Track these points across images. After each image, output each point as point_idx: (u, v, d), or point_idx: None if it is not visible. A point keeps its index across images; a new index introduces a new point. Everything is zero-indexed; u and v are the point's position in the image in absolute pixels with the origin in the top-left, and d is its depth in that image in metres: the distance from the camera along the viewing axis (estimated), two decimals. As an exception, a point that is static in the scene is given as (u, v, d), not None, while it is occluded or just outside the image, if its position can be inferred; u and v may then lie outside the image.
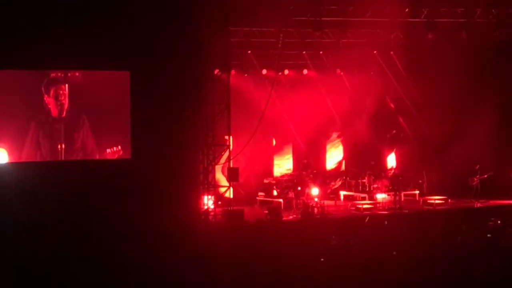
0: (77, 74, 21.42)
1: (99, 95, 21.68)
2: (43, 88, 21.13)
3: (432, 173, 27.21)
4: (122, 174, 21.39)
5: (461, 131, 27.14)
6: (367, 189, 26.78)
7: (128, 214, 20.85)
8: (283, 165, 27.84)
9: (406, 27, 25.51)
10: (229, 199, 23.88)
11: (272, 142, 27.78)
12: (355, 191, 27.13)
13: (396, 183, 26.24)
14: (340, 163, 28.79)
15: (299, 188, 25.55)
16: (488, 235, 20.03)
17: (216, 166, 24.10)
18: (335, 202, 26.74)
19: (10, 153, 20.66)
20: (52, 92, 21.21)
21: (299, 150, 27.95)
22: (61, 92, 21.28)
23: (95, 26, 20.77)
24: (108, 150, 21.72)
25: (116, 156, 21.72)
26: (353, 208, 25.40)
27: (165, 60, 21.70)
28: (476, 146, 26.49)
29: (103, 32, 20.87)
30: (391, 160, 28.89)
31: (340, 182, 27.74)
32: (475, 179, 25.86)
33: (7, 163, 20.63)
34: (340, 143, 28.64)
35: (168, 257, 17.96)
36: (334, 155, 28.69)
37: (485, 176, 25.78)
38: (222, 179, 25.00)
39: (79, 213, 20.48)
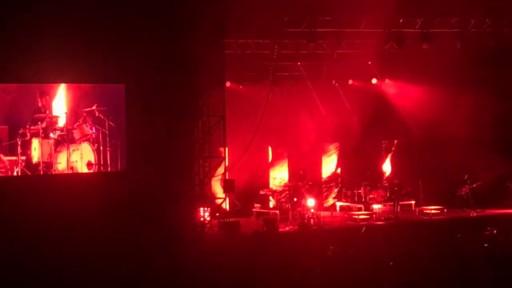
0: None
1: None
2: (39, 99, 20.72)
3: (428, 183, 27.24)
4: (117, 186, 21.36)
5: (456, 140, 27.18)
6: (363, 200, 26.80)
7: (123, 226, 20.83)
8: (279, 176, 27.82)
9: (400, 37, 25.53)
10: (225, 210, 23.86)
11: (268, 153, 27.78)
12: (351, 202, 27.14)
13: (392, 193, 26.27)
14: (335, 170, 28.72)
15: (295, 199, 25.54)
16: (485, 245, 20.02)
17: (214, 178, 24.09)
18: (331, 213, 26.77)
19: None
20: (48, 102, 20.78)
21: (294, 161, 27.94)
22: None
23: (90, 39, 20.77)
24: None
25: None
26: (349, 219, 25.39)
27: (160, 73, 21.72)
28: (470, 154, 26.57)
29: (97, 46, 20.87)
30: (387, 170, 28.90)
31: (336, 190, 27.80)
32: (464, 189, 25.94)
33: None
34: (335, 153, 28.63)
35: (164, 269, 17.92)
36: (329, 165, 28.67)
37: (474, 185, 25.87)
38: (220, 191, 24.97)
39: (73, 225, 20.40)
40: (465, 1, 24.30)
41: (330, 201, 28.03)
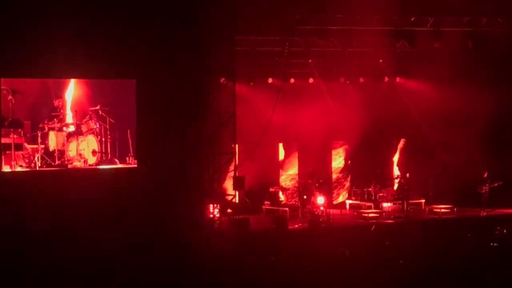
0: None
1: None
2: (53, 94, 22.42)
3: (438, 182, 27.17)
4: (128, 182, 21.43)
5: (467, 139, 27.12)
6: (373, 198, 26.75)
7: (132, 221, 20.88)
8: (288, 173, 27.81)
9: (412, 36, 25.46)
10: (235, 204, 23.86)
11: (278, 151, 27.77)
12: (361, 200, 27.10)
13: (402, 191, 26.23)
14: (345, 168, 28.69)
15: (305, 197, 25.52)
16: (494, 244, 19.99)
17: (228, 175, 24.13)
18: (341, 211, 26.75)
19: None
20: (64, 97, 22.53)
21: (304, 159, 27.91)
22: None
23: (101, 35, 20.84)
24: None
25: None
26: (359, 217, 25.38)
27: (171, 69, 21.75)
28: (482, 154, 26.51)
29: (109, 41, 20.94)
30: (396, 168, 28.84)
31: (346, 188, 27.80)
32: (485, 187, 25.77)
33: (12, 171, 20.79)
34: (345, 151, 28.60)
35: (173, 265, 17.94)
36: (339, 163, 28.65)
37: (495, 184, 25.72)
38: (230, 187, 24.93)
39: (83, 221, 20.48)
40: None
41: (340, 199, 28.02)
